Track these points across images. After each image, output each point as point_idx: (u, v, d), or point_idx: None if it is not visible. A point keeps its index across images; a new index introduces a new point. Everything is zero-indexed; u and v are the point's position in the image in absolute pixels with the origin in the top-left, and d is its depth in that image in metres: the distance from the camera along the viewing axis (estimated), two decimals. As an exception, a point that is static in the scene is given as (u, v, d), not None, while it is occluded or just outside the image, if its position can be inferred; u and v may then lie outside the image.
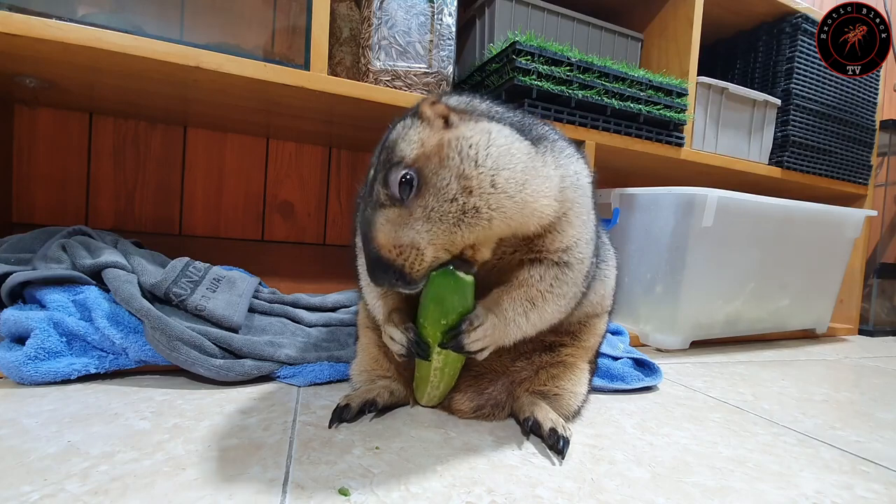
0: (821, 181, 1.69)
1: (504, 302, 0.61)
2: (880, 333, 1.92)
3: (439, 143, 0.54)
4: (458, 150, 0.53)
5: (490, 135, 0.55)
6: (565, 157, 0.62)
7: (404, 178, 0.53)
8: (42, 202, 1.22)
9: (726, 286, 1.32)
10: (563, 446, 0.59)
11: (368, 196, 0.56)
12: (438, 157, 0.53)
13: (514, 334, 0.62)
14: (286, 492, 0.48)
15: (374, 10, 1.10)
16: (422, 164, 0.53)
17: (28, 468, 0.49)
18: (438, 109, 0.57)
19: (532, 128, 0.62)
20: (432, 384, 0.67)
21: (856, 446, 0.71)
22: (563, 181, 0.59)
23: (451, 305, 0.58)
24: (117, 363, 0.76)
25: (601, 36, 1.39)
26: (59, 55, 0.84)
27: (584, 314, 0.73)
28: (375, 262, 0.53)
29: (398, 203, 0.53)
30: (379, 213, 0.54)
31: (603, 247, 0.75)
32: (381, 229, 0.53)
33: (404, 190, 0.53)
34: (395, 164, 0.54)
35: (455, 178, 0.52)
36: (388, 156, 0.55)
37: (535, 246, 0.61)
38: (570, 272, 0.61)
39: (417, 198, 0.53)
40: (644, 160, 1.43)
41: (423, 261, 0.53)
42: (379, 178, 0.55)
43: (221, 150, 1.38)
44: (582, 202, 0.62)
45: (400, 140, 0.55)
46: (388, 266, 0.53)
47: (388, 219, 0.53)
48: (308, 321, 1.00)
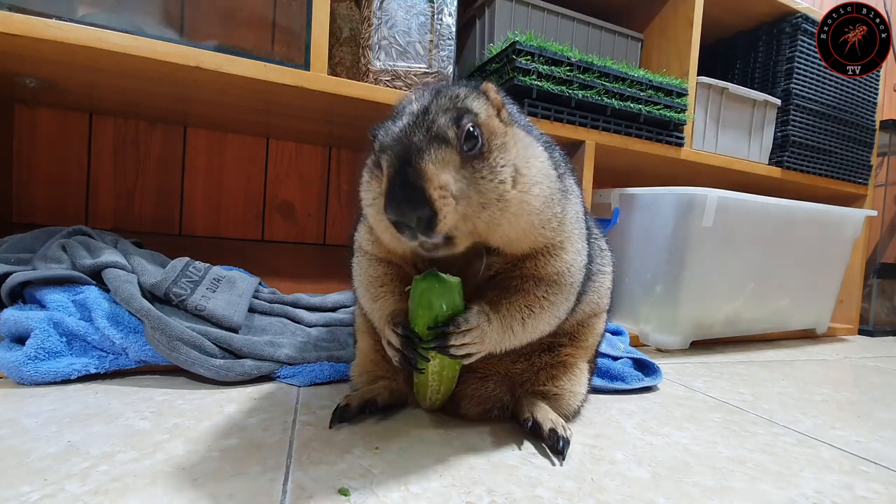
0: (821, 181, 1.69)
1: (503, 306, 0.60)
2: (880, 333, 1.92)
3: (501, 128, 0.54)
4: (517, 146, 0.54)
5: (535, 150, 0.57)
6: (574, 196, 0.64)
7: (474, 131, 0.51)
8: (42, 202, 1.22)
9: (726, 286, 1.32)
10: (563, 447, 0.59)
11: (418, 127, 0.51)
12: (502, 140, 0.53)
13: (506, 341, 0.61)
14: (286, 492, 0.48)
15: (374, 10, 1.10)
16: (488, 133, 0.52)
17: (28, 468, 0.49)
18: (497, 99, 0.57)
19: (553, 151, 0.63)
20: (432, 388, 0.66)
21: (856, 446, 0.71)
22: (565, 216, 0.60)
23: (438, 308, 0.57)
24: (117, 363, 0.76)
25: (601, 36, 1.39)
26: (59, 55, 0.84)
27: (580, 318, 0.73)
28: (411, 191, 0.46)
29: (459, 150, 0.50)
30: (438, 146, 0.49)
31: (601, 254, 0.75)
32: (436, 161, 0.48)
33: (469, 141, 0.51)
34: (469, 112, 0.52)
35: (511, 167, 0.52)
36: (458, 104, 0.52)
37: (526, 268, 0.61)
38: (563, 289, 0.62)
39: (475, 159, 0.51)
40: (644, 160, 1.43)
41: (453, 216, 0.49)
42: (446, 116, 0.51)
43: (221, 150, 1.38)
44: (577, 234, 0.63)
45: (471, 98, 0.54)
46: (423, 202, 0.46)
47: (445, 156, 0.49)
48: (308, 321, 1.00)
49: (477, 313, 0.58)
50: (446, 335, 0.56)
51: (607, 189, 1.38)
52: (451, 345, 0.56)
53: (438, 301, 0.57)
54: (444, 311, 0.57)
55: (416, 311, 0.58)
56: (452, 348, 0.57)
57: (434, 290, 0.57)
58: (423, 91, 0.58)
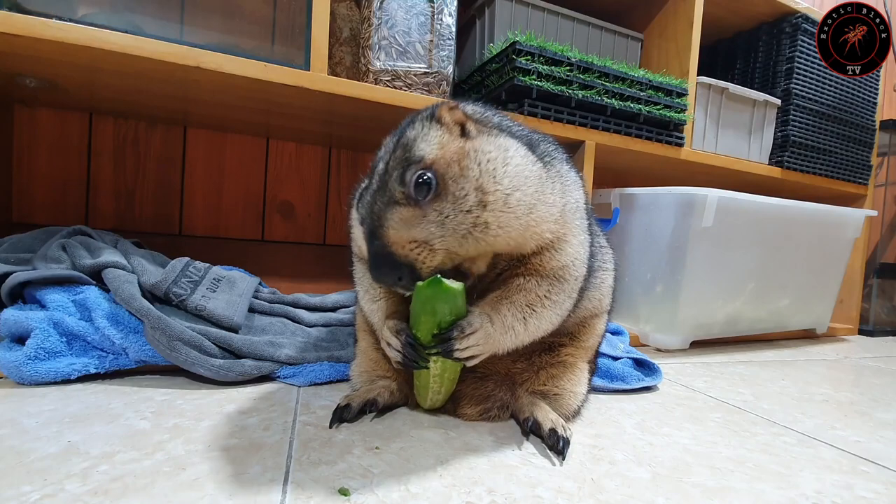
0: (821, 181, 1.69)
1: (503, 307, 0.60)
2: (880, 333, 1.92)
3: (459, 151, 0.54)
4: (478, 163, 0.54)
5: (507, 152, 0.55)
6: (570, 183, 0.63)
7: (422, 179, 0.52)
8: (42, 202, 1.22)
9: (726, 286, 1.32)
10: (564, 447, 0.59)
11: (379, 193, 0.55)
12: (459, 166, 0.53)
13: (510, 342, 0.61)
14: (286, 492, 0.48)
15: (374, 10, 1.10)
16: (441, 169, 0.53)
17: (28, 468, 0.49)
18: (456, 116, 0.57)
19: (539, 144, 0.62)
20: (433, 390, 0.66)
21: (856, 446, 0.71)
22: (565, 206, 0.60)
23: (442, 314, 0.57)
24: (117, 363, 0.76)
25: (601, 36, 1.39)
26: (59, 55, 0.84)
27: (581, 317, 0.73)
28: (384, 259, 0.52)
29: (413, 203, 0.53)
30: (393, 210, 0.53)
31: (601, 251, 0.75)
32: (394, 226, 0.53)
33: (421, 190, 0.52)
34: (415, 162, 0.53)
35: (474, 191, 0.53)
36: (406, 154, 0.54)
37: (531, 264, 0.61)
38: (566, 285, 0.62)
39: (434, 201, 0.52)
40: (644, 160, 1.43)
41: (433, 259, 0.53)
42: (395, 174, 0.54)
43: (221, 150, 1.38)
44: (580, 224, 0.63)
45: (420, 140, 0.55)
46: (398, 263, 0.52)
47: (402, 217, 0.53)
48: (308, 321, 1.00)
49: (479, 315, 0.58)
50: (450, 340, 0.57)
51: (607, 189, 1.38)
52: (456, 349, 0.57)
53: (442, 307, 0.57)
54: (447, 317, 0.57)
55: (420, 316, 0.58)
56: (457, 352, 0.57)
57: (439, 297, 0.56)
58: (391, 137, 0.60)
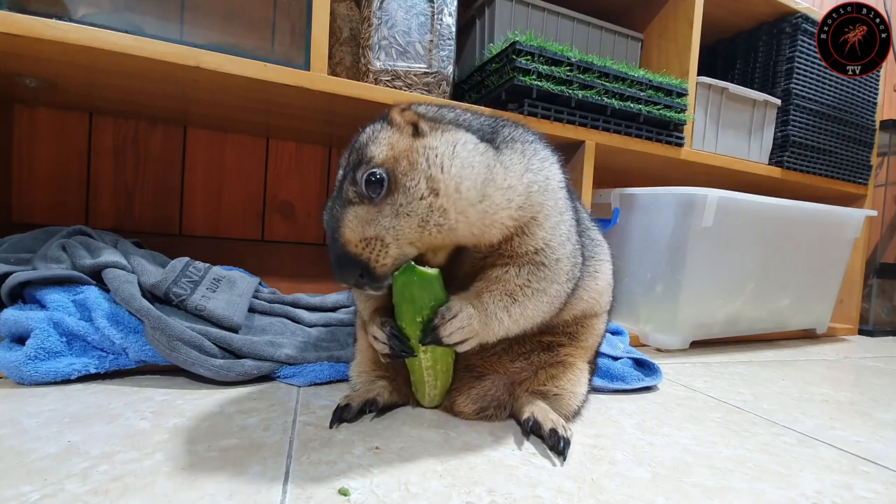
0: (821, 181, 1.69)
1: (484, 296, 0.60)
2: (880, 333, 1.92)
3: (409, 148, 0.56)
4: (426, 156, 0.55)
5: (455, 146, 0.56)
6: (538, 160, 0.62)
7: (374, 177, 0.55)
8: (42, 202, 1.22)
9: (726, 286, 1.32)
10: (564, 447, 0.59)
11: (338, 197, 0.58)
12: (408, 161, 0.55)
13: (497, 329, 0.61)
14: (286, 492, 0.48)
15: (374, 10, 1.10)
16: (391, 166, 0.55)
17: (28, 468, 0.49)
18: (408, 116, 0.59)
19: (500, 132, 0.62)
20: (429, 384, 0.67)
21: (856, 446, 0.71)
22: (529, 187, 0.59)
23: (421, 301, 0.59)
24: (117, 363, 0.76)
25: (601, 36, 1.39)
26: (59, 55, 0.84)
27: (581, 312, 0.73)
28: (341, 258, 0.55)
29: (367, 201, 0.55)
30: (347, 211, 0.56)
31: (592, 243, 0.74)
32: (349, 225, 0.55)
33: (373, 188, 0.55)
34: (365, 162, 0.56)
35: (424, 179, 0.54)
36: (358, 156, 0.57)
37: (505, 250, 0.60)
38: (547, 271, 0.61)
39: (387, 196, 0.55)
40: (644, 160, 1.43)
41: (387, 255, 0.55)
42: (349, 177, 0.57)
43: (221, 150, 1.38)
44: (552, 205, 0.61)
45: (370, 142, 0.57)
46: (353, 261, 0.54)
47: (357, 215, 0.55)
48: (308, 321, 1.00)
49: (459, 301, 0.59)
50: (435, 328, 0.58)
51: (607, 189, 1.38)
52: (442, 335, 0.58)
53: (420, 294, 0.58)
54: (428, 305, 0.59)
55: (401, 306, 0.60)
56: (445, 338, 0.58)
57: (414, 284, 0.58)
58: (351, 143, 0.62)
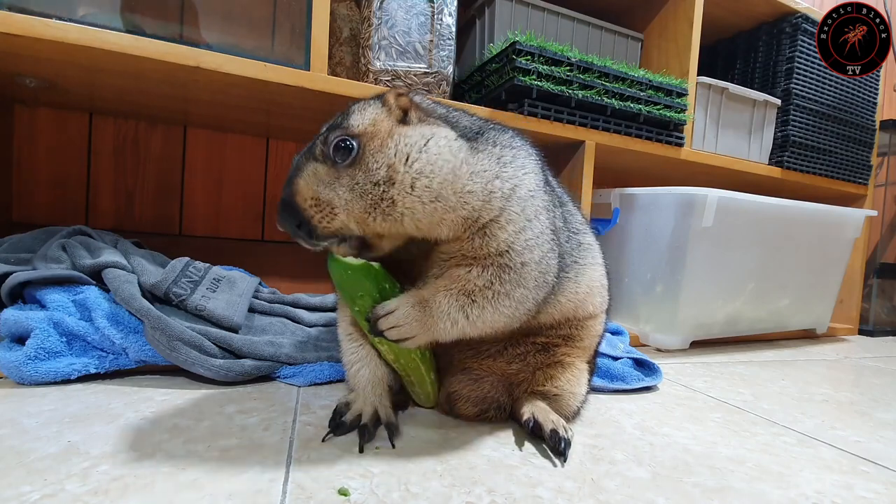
0: (821, 181, 1.69)
1: (440, 295, 0.59)
2: (880, 333, 1.92)
3: (388, 131, 0.57)
4: (396, 144, 0.56)
5: (427, 141, 0.57)
6: (512, 168, 0.60)
7: (343, 143, 0.56)
8: (42, 202, 1.22)
9: (726, 286, 1.32)
10: (565, 448, 0.59)
11: (307, 151, 0.59)
12: (380, 142, 0.56)
13: (449, 329, 0.59)
14: (286, 492, 0.48)
15: (374, 10, 1.10)
16: (365, 141, 0.56)
17: (28, 468, 0.49)
18: (402, 102, 0.59)
19: (486, 134, 0.61)
20: (408, 381, 0.68)
21: (856, 446, 0.71)
22: (492, 193, 0.58)
23: (351, 291, 0.60)
24: (117, 363, 0.76)
25: (601, 36, 1.39)
26: (59, 55, 0.84)
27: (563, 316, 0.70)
28: (287, 206, 0.56)
29: (329, 163, 0.56)
30: (309, 164, 0.57)
31: (579, 248, 0.72)
32: (306, 178, 0.56)
33: (341, 154, 0.55)
34: (342, 127, 0.57)
35: (385, 166, 0.55)
36: (340, 120, 0.59)
37: (469, 251, 0.59)
38: (512, 273, 0.59)
39: (350, 167, 0.55)
40: (644, 160, 1.43)
41: (332, 221, 0.55)
42: (323, 136, 0.58)
43: (221, 150, 1.38)
44: (517, 210, 0.59)
45: (357, 111, 0.59)
46: (297, 213, 0.55)
47: (315, 173, 0.56)
48: (308, 321, 1.00)
49: (401, 298, 0.59)
50: (374, 321, 0.59)
51: (607, 189, 1.38)
52: (380, 329, 0.58)
53: (348, 283, 0.60)
54: (355, 294, 0.60)
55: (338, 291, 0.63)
56: (387, 332, 0.58)
57: (339, 274, 0.59)
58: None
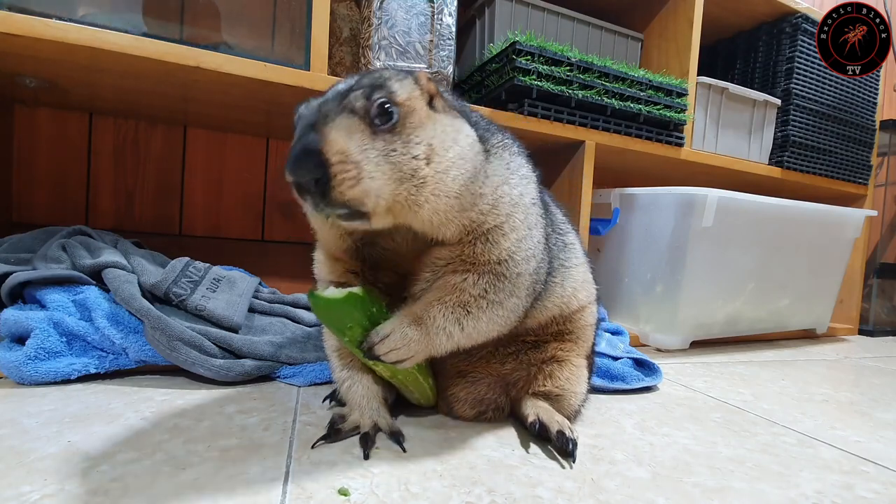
0: (821, 181, 1.69)
1: (434, 309, 0.58)
2: (880, 333, 1.92)
3: (425, 111, 0.54)
4: (435, 126, 0.54)
5: (458, 134, 0.56)
6: (518, 177, 0.61)
7: (387, 107, 0.51)
8: (42, 202, 1.22)
9: (726, 286, 1.32)
10: (573, 449, 0.59)
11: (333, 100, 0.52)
12: (419, 119, 0.53)
13: (445, 343, 0.58)
14: (286, 492, 0.48)
15: (374, 10, 1.10)
16: (406, 112, 0.52)
17: (28, 468, 0.49)
18: (431, 87, 0.57)
19: (494, 136, 0.62)
20: (405, 390, 0.67)
21: (856, 446, 0.71)
22: (500, 199, 0.58)
23: (339, 324, 0.58)
24: (117, 363, 0.76)
25: (601, 36, 1.39)
26: (59, 55, 0.84)
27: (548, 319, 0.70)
28: (310, 154, 0.47)
29: (368, 121, 0.50)
30: (345, 115, 0.50)
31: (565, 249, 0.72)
32: (339, 129, 0.49)
33: (382, 116, 0.50)
34: (387, 90, 0.52)
35: (426, 144, 0.52)
36: (378, 82, 0.53)
37: (468, 257, 0.59)
38: (507, 283, 0.59)
39: (388, 133, 0.51)
40: (644, 160, 1.43)
41: (353, 187, 0.48)
42: (361, 91, 0.51)
43: (221, 150, 1.38)
44: (521, 219, 0.60)
45: (395, 80, 0.54)
46: (319, 164, 0.46)
47: (350, 125, 0.49)
48: (308, 321, 1.00)
49: (394, 321, 0.58)
50: (370, 348, 0.57)
51: (607, 189, 1.38)
52: (377, 354, 0.57)
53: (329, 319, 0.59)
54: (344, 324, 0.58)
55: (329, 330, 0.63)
56: (384, 356, 0.57)
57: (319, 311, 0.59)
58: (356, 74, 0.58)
